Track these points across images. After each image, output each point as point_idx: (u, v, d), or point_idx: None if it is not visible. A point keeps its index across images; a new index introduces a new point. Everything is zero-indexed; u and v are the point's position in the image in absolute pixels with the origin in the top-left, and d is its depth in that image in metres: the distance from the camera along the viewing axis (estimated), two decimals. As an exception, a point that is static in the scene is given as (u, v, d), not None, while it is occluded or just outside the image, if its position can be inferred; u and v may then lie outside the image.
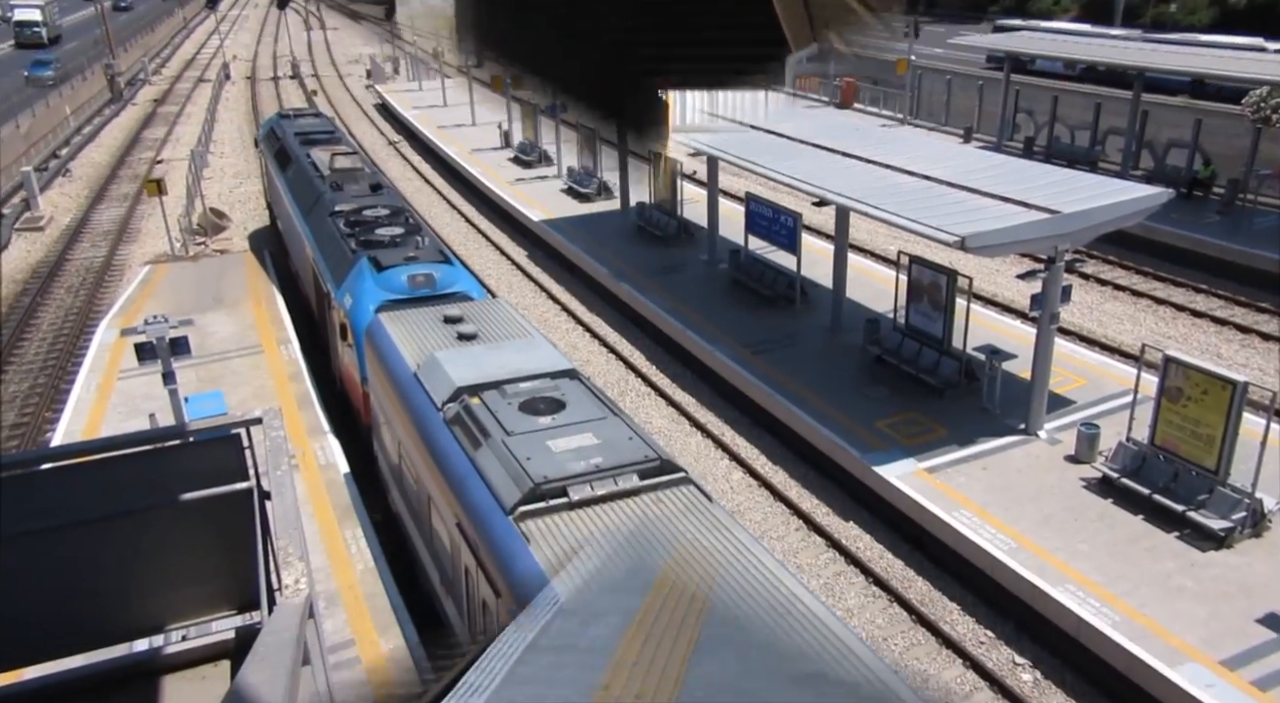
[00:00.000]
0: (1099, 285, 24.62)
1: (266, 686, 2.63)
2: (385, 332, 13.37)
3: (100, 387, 18.26)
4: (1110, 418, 16.22)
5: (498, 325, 13.40)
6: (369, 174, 22.76)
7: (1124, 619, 11.88)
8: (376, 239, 17.89)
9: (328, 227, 19.21)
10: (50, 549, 5.42)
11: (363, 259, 16.81)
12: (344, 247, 17.83)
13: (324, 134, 26.85)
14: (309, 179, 22.46)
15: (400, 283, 16.06)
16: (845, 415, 17.05)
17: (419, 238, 18.12)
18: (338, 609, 12.16)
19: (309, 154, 24.05)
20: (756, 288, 22.58)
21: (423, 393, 11.45)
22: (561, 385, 11.07)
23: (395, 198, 21.54)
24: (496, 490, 9.09)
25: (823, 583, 14.27)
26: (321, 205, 20.40)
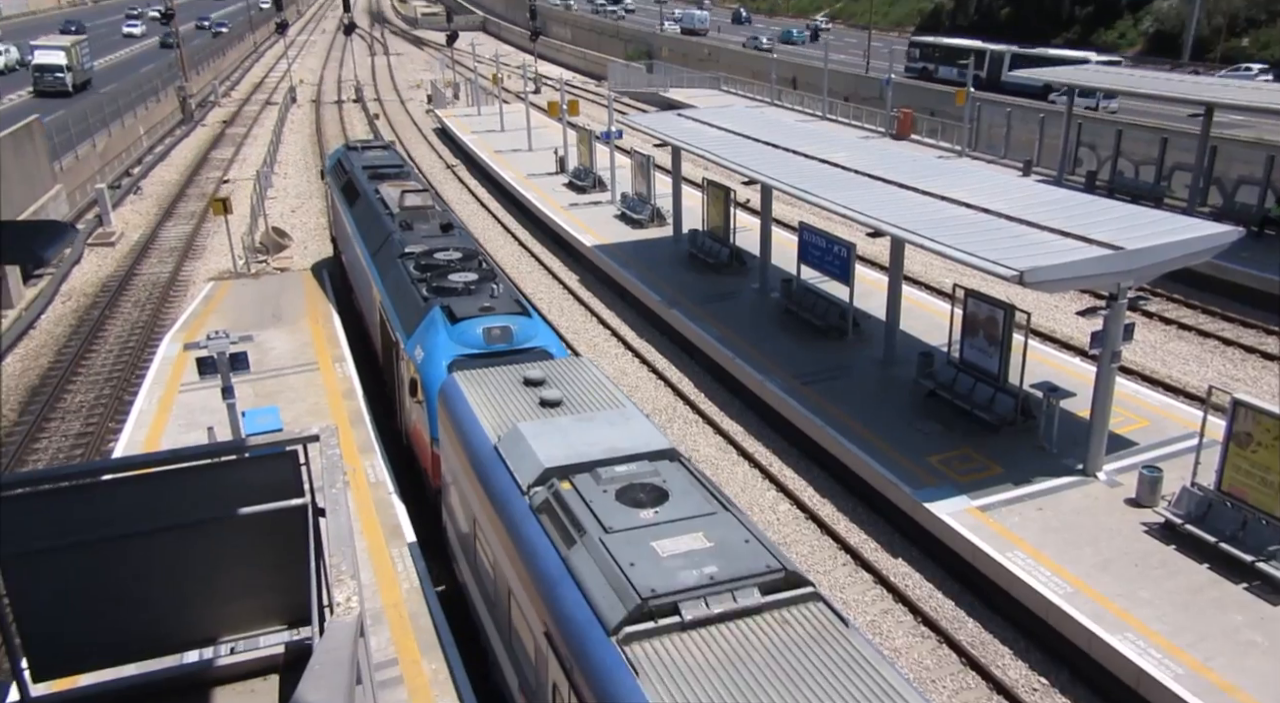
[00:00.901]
0: (1163, 324, 24.01)
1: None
2: (460, 393, 12.02)
3: (162, 399, 18.71)
4: (1173, 461, 15.74)
5: (583, 390, 12.00)
6: (439, 212, 21.72)
7: (1189, 673, 11.43)
8: (449, 286, 16.73)
9: (397, 269, 18.25)
10: (109, 559, 5.52)
11: (435, 309, 15.71)
12: (415, 293, 16.80)
13: (392, 168, 25.83)
14: (377, 216, 21.53)
15: (475, 336, 14.93)
16: (896, 450, 16.78)
17: (494, 285, 16.90)
18: (382, 628, 12.23)
19: (377, 190, 23.11)
20: (808, 318, 22.42)
21: (505, 471, 10.18)
22: (662, 469, 9.71)
23: (467, 239, 20.36)
24: (596, 603, 7.87)
25: (869, 620, 13.99)
26: (390, 246, 19.47)
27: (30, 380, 22.99)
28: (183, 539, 5.71)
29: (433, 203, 22.02)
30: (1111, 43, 74.62)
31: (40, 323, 26.86)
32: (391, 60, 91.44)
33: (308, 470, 5.96)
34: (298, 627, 6.19)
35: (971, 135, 41.68)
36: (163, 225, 36.48)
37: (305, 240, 34.06)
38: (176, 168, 47.43)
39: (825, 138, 26.06)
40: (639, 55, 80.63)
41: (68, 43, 60.15)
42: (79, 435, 20.17)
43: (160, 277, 30.35)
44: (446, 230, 20.44)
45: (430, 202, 21.81)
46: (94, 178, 40.35)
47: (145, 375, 20.28)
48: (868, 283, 24.20)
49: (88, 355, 24.26)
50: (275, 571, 5.99)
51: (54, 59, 57.14)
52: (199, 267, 31.46)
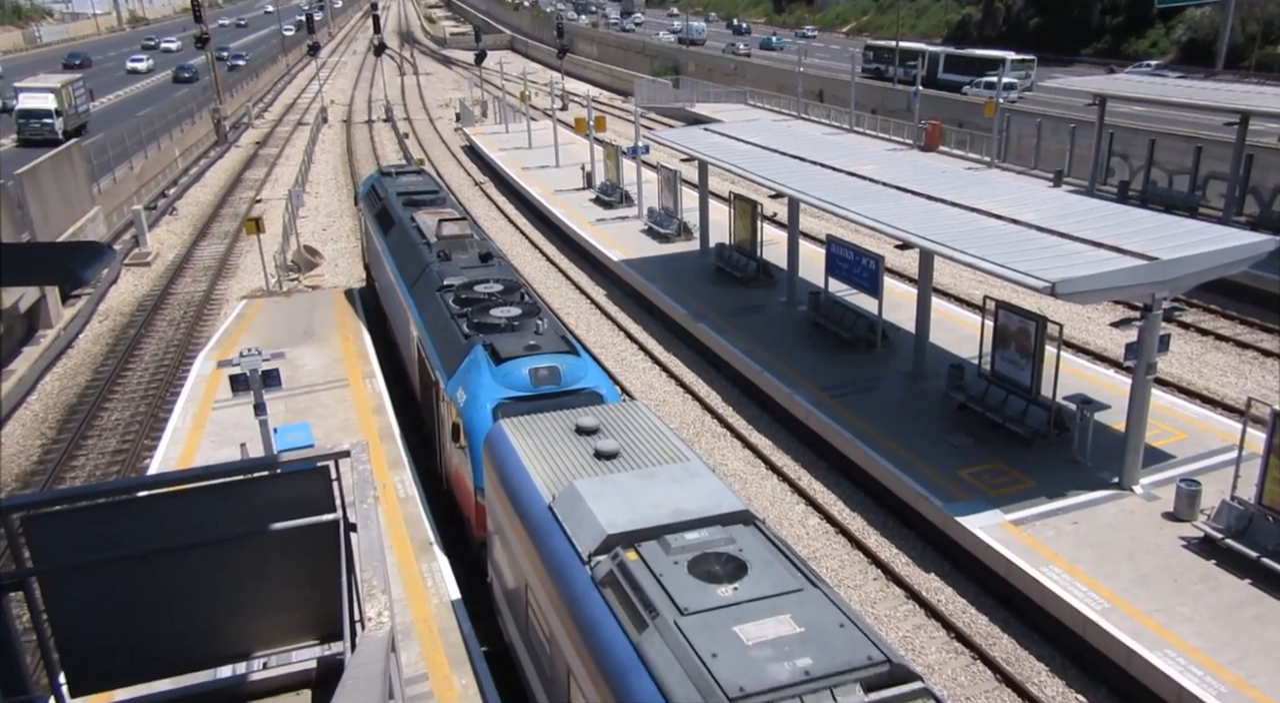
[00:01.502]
0: (1200, 335, 23.63)
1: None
2: (508, 443, 11.04)
3: (196, 416, 18.97)
4: (1212, 474, 15.46)
5: (641, 439, 10.87)
6: (477, 241, 20.81)
7: (1231, 691, 11.18)
8: (492, 322, 15.81)
9: (436, 303, 17.40)
10: (144, 574, 5.59)
11: (477, 348, 14.83)
12: (455, 329, 15.93)
13: (428, 194, 24.96)
14: (413, 245, 20.71)
15: (521, 378, 13.97)
16: (926, 463, 16.62)
17: (538, 320, 15.92)
18: (412, 642, 12.26)
19: (413, 217, 22.32)
20: (836, 331, 22.31)
21: (562, 536, 9.13)
22: (737, 536, 8.63)
23: (507, 270, 19.43)
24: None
25: (901, 636, 13.83)
26: (428, 278, 18.62)
27: (68, 399, 23.40)
28: (216, 555, 5.77)
29: (471, 231, 20.97)
30: (1143, 52, 73.89)
31: (78, 342, 27.36)
32: (421, 80, 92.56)
33: (339, 486, 6.01)
34: (329, 642, 6.23)
35: (1001, 146, 41.39)
36: (197, 245, 37.09)
37: (336, 258, 34.47)
38: (211, 189, 48.24)
39: (852, 150, 26.00)
40: (665, 71, 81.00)
41: (58, 83, 52.49)
42: (115, 453, 20.48)
43: (194, 295, 30.83)
44: (486, 261, 19.53)
45: (468, 230, 20.88)
46: (131, 199, 41.14)
47: (180, 393, 20.57)
48: (896, 295, 24.06)
49: (124, 374, 24.66)
50: (307, 586, 6.03)
51: (41, 103, 49.30)
52: (232, 285, 31.92)
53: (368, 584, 4.99)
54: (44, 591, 5.43)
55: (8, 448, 21.11)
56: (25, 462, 20.33)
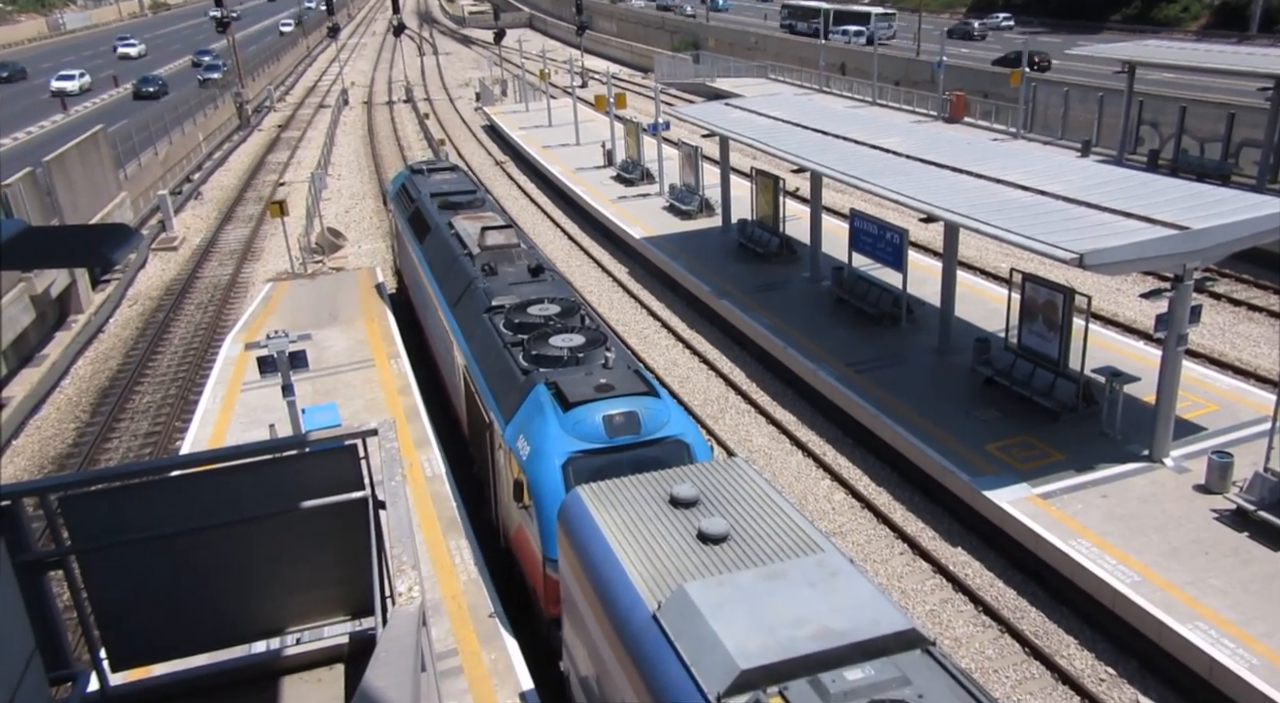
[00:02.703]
0: (1232, 306, 23.26)
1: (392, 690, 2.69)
2: (589, 517, 9.09)
3: (225, 398, 19.21)
4: (1244, 446, 15.28)
5: (752, 515, 8.77)
6: (525, 251, 18.66)
7: (1264, 663, 11.09)
8: (552, 354, 13.76)
9: (484, 328, 15.50)
10: (179, 553, 5.68)
11: (540, 389, 12.79)
12: (510, 362, 14.01)
13: (464, 195, 23.09)
14: (454, 257, 18.77)
15: (594, 427, 11.99)
16: (953, 438, 16.52)
17: (606, 351, 13.90)
18: (441, 618, 12.41)
19: (451, 223, 20.45)
20: (860, 306, 22.17)
21: (676, 662, 7.16)
22: (910, 670, 6.69)
23: (561, 286, 17.12)
24: None
25: (928, 610, 13.82)
26: (474, 296, 16.74)
27: (100, 382, 23.77)
28: (248, 533, 5.85)
29: (517, 240, 18.98)
30: (1173, 18, 72.29)
31: (108, 327, 27.75)
32: (440, 60, 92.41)
33: (367, 464, 6.07)
34: (361, 618, 6.31)
35: (1027, 117, 40.76)
36: (222, 229, 37.40)
37: (359, 240, 34.65)
38: (234, 173, 48.56)
39: (875, 123, 25.71)
40: (685, 46, 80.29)
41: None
42: (147, 435, 20.80)
43: (221, 279, 31.13)
44: (537, 275, 17.36)
45: (515, 239, 18.89)
46: (156, 184, 41.51)
47: (209, 375, 20.83)
48: (921, 269, 23.85)
49: (154, 357, 24.99)
50: (338, 563, 6.10)
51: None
52: (258, 268, 32.19)
53: (397, 560, 5.05)
54: (82, 569, 5.54)
55: (43, 431, 21.50)
56: (61, 444, 20.70)
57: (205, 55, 77.47)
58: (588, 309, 15.85)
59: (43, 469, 19.62)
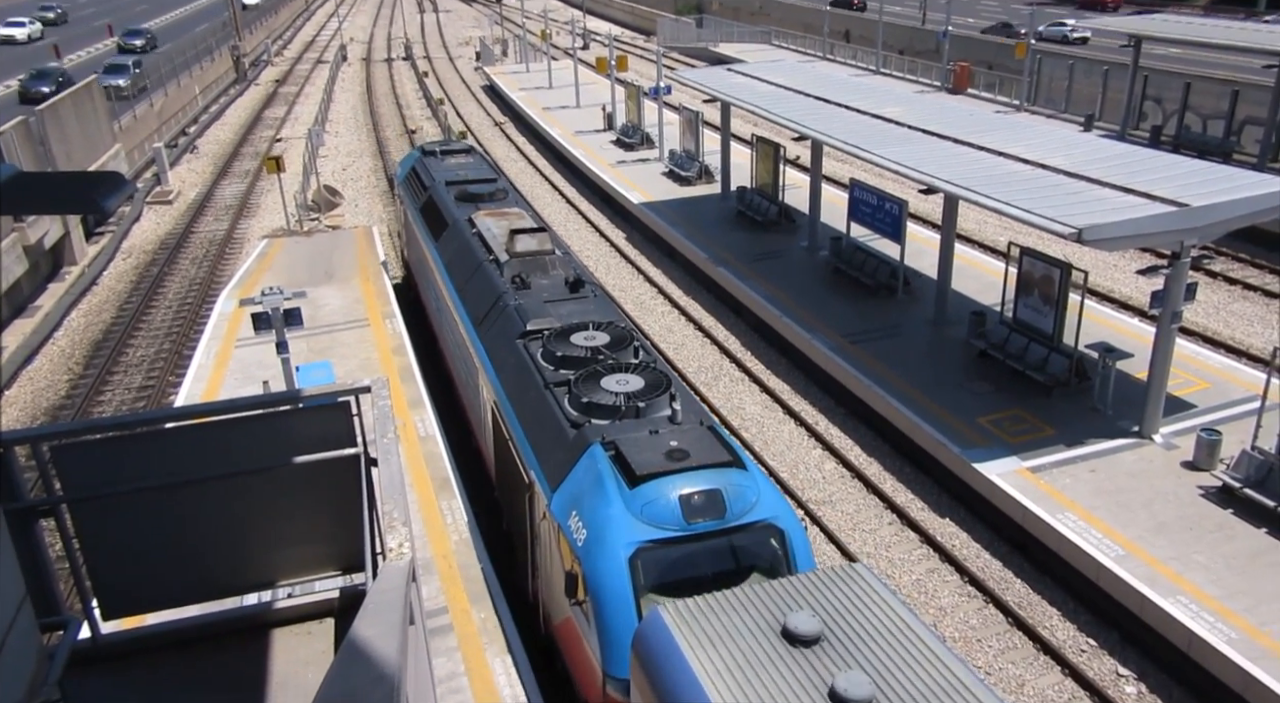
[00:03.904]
0: (1228, 284, 23.28)
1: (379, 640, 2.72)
2: (677, 653, 7.18)
3: (219, 354, 19.18)
4: (1233, 424, 15.36)
5: (894, 658, 6.89)
6: (560, 258, 16.05)
7: (1242, 637, 11.26)
8: (606, 401, 11.22)
9: (518, 358, 12.98)
10: (170, 504, 5.71)
11: (597, 451, 10.35)
12: (554, 408, 11.52)
13: (484, 184, 20.62)
14: (477, 263, 16.34)
15: (668, 510, 9.55)
16: (945, 410, 16.60)
17: (672, 399, 11.26)
18: (432, 577, 12.51)
19: (471, 220, 17.96)
20: (857, 277, 22.14)
21: None
22: None
23: (605, 304, 14.64)
24: None
25: (915, 580, 13.97)
26: (504, 317, 14.25)
27: (94, 335, 23.71)
28: (240, 487, 5.87)
29: (551, 245, 16.17)
30: (1181, -9, 71.49)
31: (102, 279, 27.63)
32: (440, 18, 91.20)
33: (360, 422, 6.08)
34: (352, 573, 6.37)
35: (1031, 89, 40.45)
36: (218, 184, 37.11)
37: (356, 199, 34.42)
38: (231, 127, 48.07)
39: (878, 92, 25.49)
40: (688, 9, 79.33)
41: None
42: (140, 389, 20.79)
43: (216, 234, 30.95)
44: (576, 290, 14.84)
45: (549, 244, 16.10)
46: (152, 137, 41.08)
47: (203, 331, 20.78)
48: (919, 241, 23.80)
49: (148, 311, 24.91)
50: (330, 519, 6.14)
51: None
52: (253, 224, 32.00)
53: (388, 517, 5.08)
54: (74, 518, 5.57)
55: (36, 382, 21.48)
56: (54, 396, 20.69)
57: (136, 38, 55.68)
58: (640, 337, 13.46)
59: (35, 420, 19.63)
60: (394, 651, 2.73)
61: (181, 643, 5.91)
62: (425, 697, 4.26)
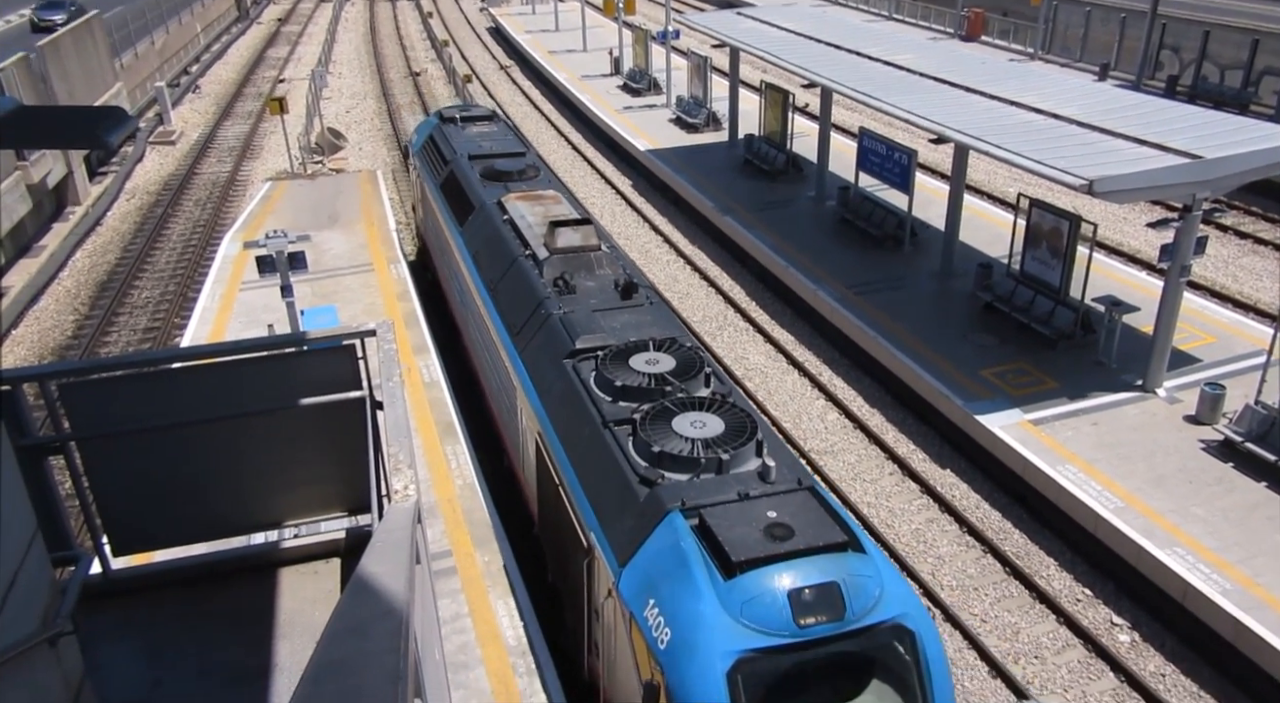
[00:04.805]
0: (1238, 238, 23.08)
1: (387, 576, 2.77)
2: None
3: (224, 296, 19.17)
4: (1238, 379, 15.36)
5: None
6: (608, 254, 13.81)
7: (1236, 588, 11.40)
8: (682, 451, 9.16)
9: (567, 383, 10.98)
10: (178, 444, 5.76)
11: (677, 523, 8.32)
12: (616, 454, 9.50)
13: (513, 158, 18.36)
14: (510, 258, 14.19)
15: (775, 608, 7.56)
16: (949, 362, 16.60)
17: (758, 444, 9.36)
18: (436, 521, 12.67)
19: (502, 205, 15.75)
20: (865, 227, 21.98)
21: None
22: None
23: (664, 313, 12.47)
24: None
25: (914, 529, 14.11)
26: (547, 329, 12.12)
27: (99, 276, 23.70)
28: (247, 428, 5.92)
29: (597, 239, 13.95)
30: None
31: (106, 220, 27.52)
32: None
33: (365, 365, 6.10)
34: (358, 514, 6.45)
35: (1045, 37, 39.68)
36: (221, 125, 36.73)
37: (360, 142, 34.08)
38: (233, 67, 47.44)
39: (890, 39, 25.03)
40: (698, -50, 77.44)
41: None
42: (146, 330, 20.84)
43: (220, 176, 30.73)
44: (628, 296, 12.68)
45: (594, 239, 13.89)
46: (153, 76, 40.57)
47: (208, 273, 20.75)
48: (928, 191, 23.57)
49: (152, 252, 24.86)
50: (336, 461, 6.20)
51: None
52: (257, 166, 31.75)
53: (394, 459, 5.12)
54: (83, 456, 5.63)
55: (43, 322, 21.54)
56: (60, 336, 20.76)
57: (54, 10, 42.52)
58: (709, 358, 11.19)
59: (43, 359, 19.73)
60: (402, 586, 2.77)
61: (190, 580, 6.02)
62: (432, 640, 4.34)
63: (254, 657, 5.32)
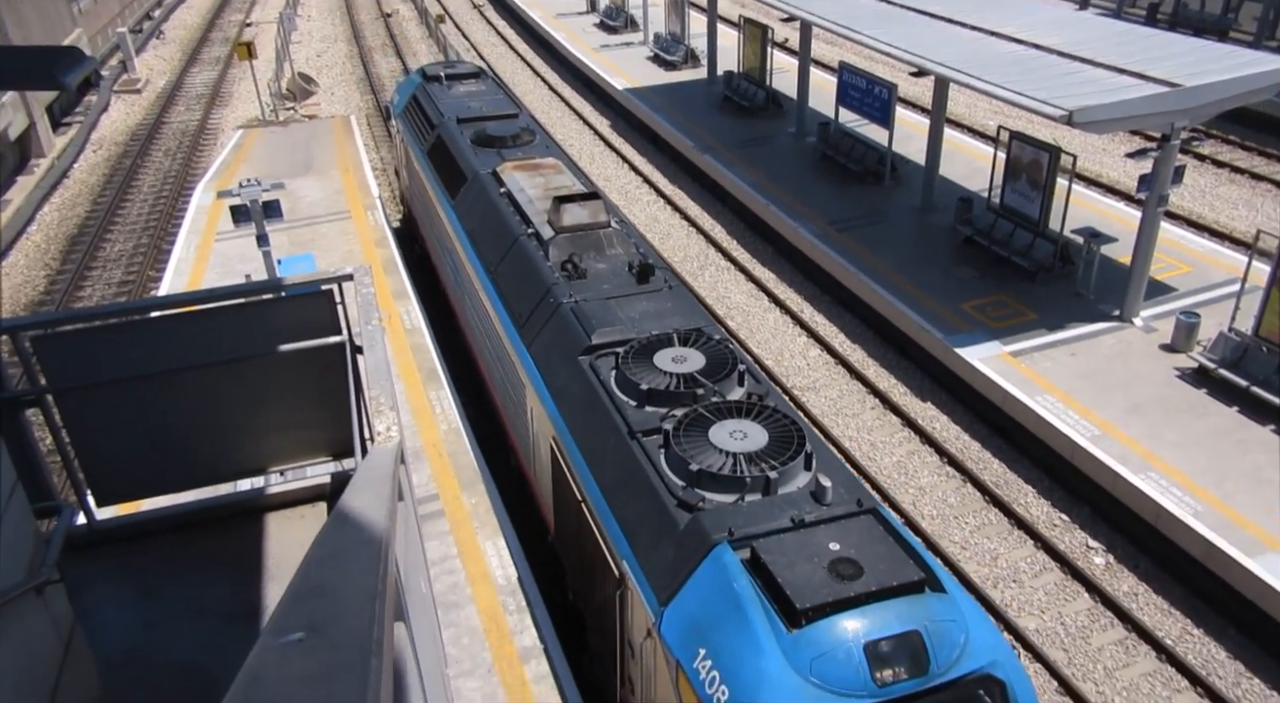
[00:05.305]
0: (1215, 167, 23.11)
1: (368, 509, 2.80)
2: None
3: (199, 247, 18.93)
4: (1212, 307, 15.54)
5: None
6: (618, 232, 12.61)
7: (1207, 509, 11.69)
8: (723, 470, 8.07)
9: (586, 385, 9.93)
10: (157, 393, 5.75)
11: (727, 559, 7.32)
12: (651, 478, 8.38)
13: (505, 121, 17.12)
14: (511, 236, 13.01)
15: (850, 666, 6.62)
16: (930, 296, 16.68)
17: (806, 457, 8.32)
18: (422, 465, 12.75)
19: (498, 176, 14.58)
20: (845, 163, 21.85)
21: None
22: None
23: (684, 298, 11.33)
24: None
25: (895, 461, 14.33)
26: (557, 320, 11.07)
27: (69, 230, 23.32)
28: (227, 375, 5.91)
29: (606, 215, 12.69)
30: None
31: (73, 172, 26.97)
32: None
33: (344, 309, 6.08)
34: (342, 458, 6.49)
35: (1027, -35, 39.04)
36: (187, 72, 35.85)
37: (332, 87, 33.38)
38: (197, 10, 46.12)
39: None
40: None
41: None
42: (121, 283, 20.61)
43: (189, 125, 30.10)
44: (645, 279, 11.53)
45: (603, 215, 12.64)
46: (114, 21, 39.39)
47: (181, 224, 20.45)
48: (908, 126, 23.40)
49: (123, 204, 24.44)
50: (318, 406, 6.21)
51: None
52: (226, 114, 31.09)
53: (375, 402, 5.14)
54: (61, 409, 5.61)
55: (13, 278, 21.24)
56: (32, 292, 20.51)
57: None
58: (741, 353, 10.07)
59: (15, 316, 19.51)
60: (382, 516, 2.81)
61: (177, 527, 6.05)
62: (417, 573, 4.41)
63: (244, 598, 5.40)
